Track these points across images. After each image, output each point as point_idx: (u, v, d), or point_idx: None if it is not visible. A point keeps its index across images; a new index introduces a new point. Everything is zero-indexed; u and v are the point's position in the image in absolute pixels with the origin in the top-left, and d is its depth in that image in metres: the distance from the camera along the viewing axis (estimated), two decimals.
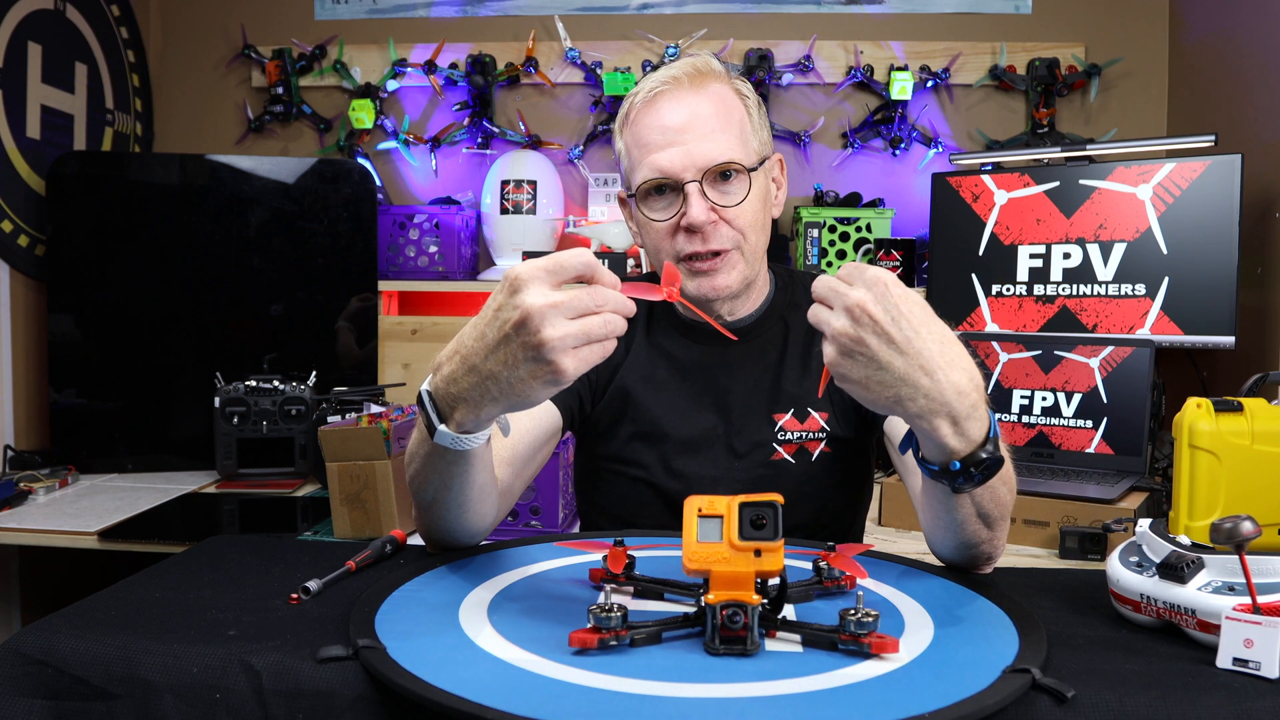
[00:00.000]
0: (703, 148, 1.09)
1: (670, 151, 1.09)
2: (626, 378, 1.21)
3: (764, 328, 1.21)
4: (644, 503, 1.20)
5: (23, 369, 2.25)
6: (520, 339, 0.76)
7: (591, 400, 1.23)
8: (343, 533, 1.69)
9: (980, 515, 0.88)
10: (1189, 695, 0.65)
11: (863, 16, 2.56)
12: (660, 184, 1.11)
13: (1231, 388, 1.47)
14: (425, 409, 0.85)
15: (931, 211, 2.24)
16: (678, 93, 1.11)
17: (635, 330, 1.24)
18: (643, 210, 1.14)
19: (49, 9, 2.27)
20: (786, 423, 1.18)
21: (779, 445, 1.18)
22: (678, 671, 0.67)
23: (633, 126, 1.14)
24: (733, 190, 1.11)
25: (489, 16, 2.65)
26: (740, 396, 1.19)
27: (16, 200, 2.18)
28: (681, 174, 1.09)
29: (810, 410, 1.18)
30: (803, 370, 1.20)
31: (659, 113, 1.11)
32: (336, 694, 0.68)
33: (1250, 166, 1.91)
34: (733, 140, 1.11)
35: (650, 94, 1.12)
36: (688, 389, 1.20)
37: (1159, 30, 2.46)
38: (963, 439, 0.80)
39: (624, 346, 1.23)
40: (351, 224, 2.37)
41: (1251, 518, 0.72)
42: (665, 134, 1.10)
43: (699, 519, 0.72)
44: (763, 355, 1.20)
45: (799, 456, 1.18)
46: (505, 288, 0.77)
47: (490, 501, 0.97)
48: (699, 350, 1.21)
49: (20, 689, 0.73)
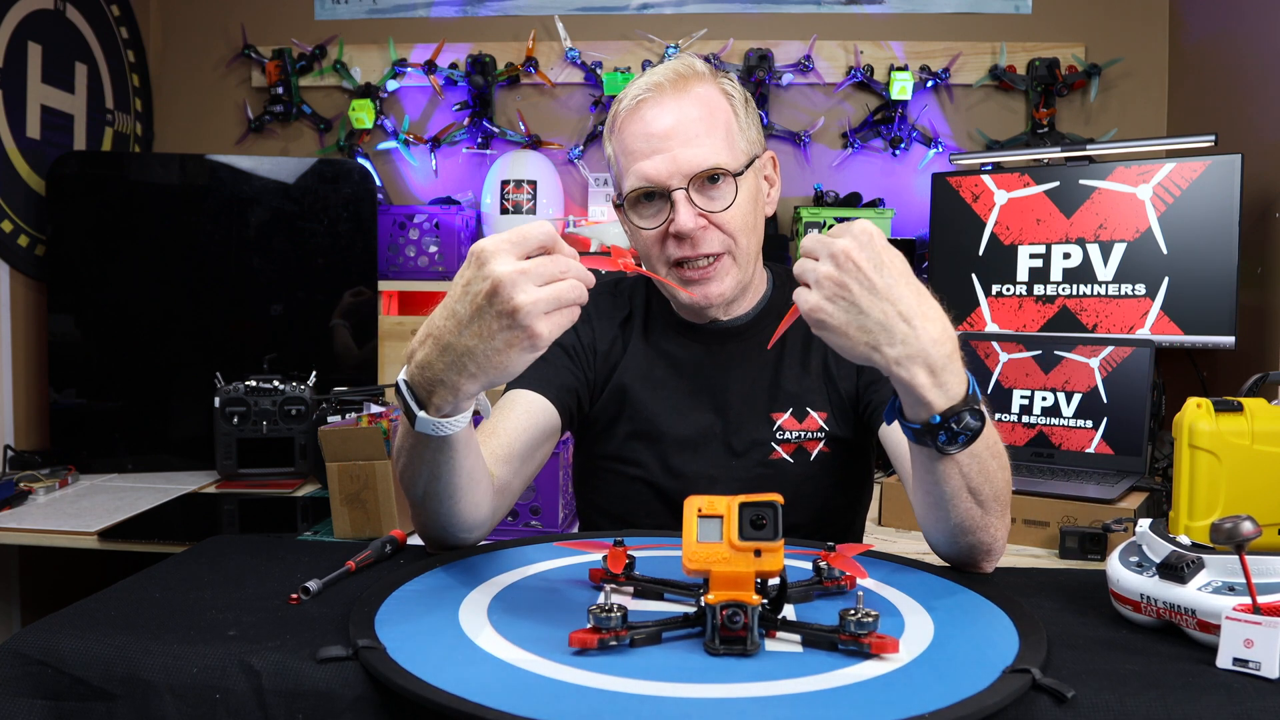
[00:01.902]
0: (688, 154, 1.08)
1: (655, 160, 1.09)
2: (624, 376, 1.21)
3: (761, 326, 1.21)
4: (642, 501, 1.20)
5: (23, 369, 2.25)
6: (494, 309, 0.77)
7: (590, 399, 1.23)
8: (343, 533, 1.69)
9: (970, 490, 0.88)
10: (1189, 695, 0.65)
11: (863, 16, 2.56)
12: (648, 191, 1.11)
13: (1231, 388, 1.47)
14: (404, 397, 0.85)
15: (931, 211, 2.24)
16: (661, 99, 1.10)
17: (633, 329, 1.24)
18: (632, 218, 1.13)
19: (49, 9, 2.27)
20: (785, 422, 1.18)
21: (777, 445, 1.18)
22: (678, 672, 0.67)
23: (619, 134, 1.13)
24: (720, 195, 1.10)
25: (489, 16, 2.65)
26: (738, 395, 1.19)
27: (16, 200, 2.18)
28: (668, 181, 1.09)
29: (809, 410, 1.18)
30: (802, 369, 1.19)
31: (643, 120, 1.10)
32: (336, 694, 0.68)
33: (1250, 166, 1.90)
34: (718, 144, 1.10)
35: (634, 101, 1.11)
36: (685, 387, 1.20)
37: (1159, 30, 2.46)
38: (941, 391, 0.82)
39: (622, 345, 1.23)
40: (351, 224, 2.37)
41: (1252, 518, 0.72)
42: (650, 141, 1.09)
43: (699, 519, 0.72)
44: (760, 354, 1.19)
45: (798, 456, 1.18)
46: (472, 262, 0.79)
47: (483, 490, 0.96)
48: (696, 349, 1.21)
49: (20, 689, 0.73)
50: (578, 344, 1.21)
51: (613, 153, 1.16)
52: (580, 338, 1.22)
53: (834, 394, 1.19)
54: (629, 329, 1.24)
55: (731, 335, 1.21)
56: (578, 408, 1.20)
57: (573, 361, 1.20)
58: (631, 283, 1.29)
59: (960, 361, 0.84)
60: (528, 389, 1.14)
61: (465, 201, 2.59)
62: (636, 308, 1.26)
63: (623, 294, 1.27)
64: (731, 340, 1.20)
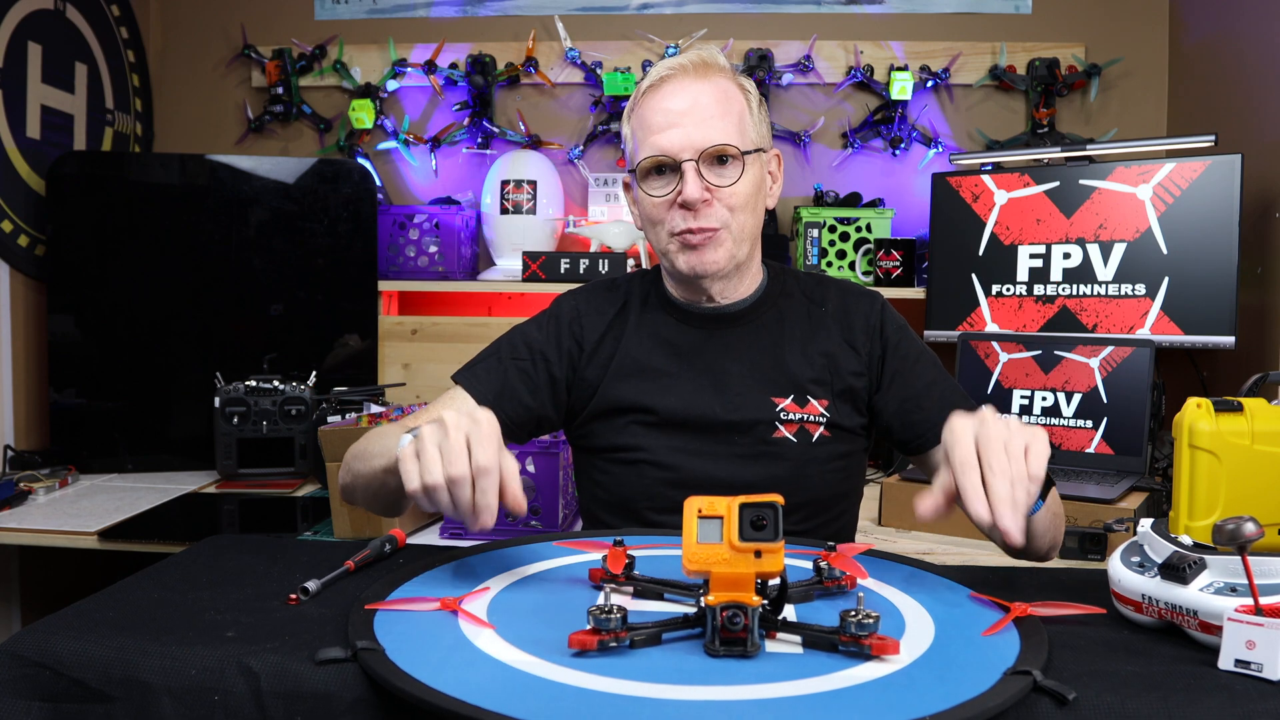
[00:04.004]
0: (701, 131, 1.15)
1: (671, 133, 1.15)
2: (620, 367, 1.24)
3: (759, 312, 1.26)
4: (645, 486, 1.21)
5: (23, 369, 2.25)
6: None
7: (574, 405, 1.26)
8: (342, 533, 1.69)
9: (1032, 535, 1.03)
10: (1190, 697, 0.65)
11: (863, 16, 2.55)
12: (660, 163, 1.17)
13: (1231, 388, 1.47)
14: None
15: (931, 211, 2.24)
16: (683, 80, 1.17)
17: (628, 318, 1.28)
18: (643, 187, 1.20)
19: (49, 9, 2.27)
20: (788, 405, 1.21)
21: (780, 424, 1.20)
22: (678, 673, 0.67)
23: (639, 110, 1.20)
24: (727, 173, 1.17)
25: (489, 16, 2.65)
26: (738, 377, 1.22)
27: (16, 200, 2.18)
28: (679, 154, 1.15)
29: (810, 398, 1.21)
30: (804, 358, 1.23)
31: (664, 96, 1.17)
32: (335, 696, 0.67)
33: (1250, 166, 1.90)
34: (730, 127, 1.16)
35: (658, 78, 1.19)
36: (685, 370, 1.23)
37: (1159, 30, 2.46)
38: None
39: (615, 338, 1.26)
40: (351, 224, 2.37)
41: (1254, 519, 0.72)
42: (668, 116, 1.16)
43: (699, 520, 0.72)
44: (758, 339, 1.24)
45: (800, 436, 1.20)
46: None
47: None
48: (694, 333, 1.25)
49: (18, 691, 0.72)
50: (556, 358, 1.26)
51: (631, 129, 1.22)
52: (561, 347, 1.26)
53: (838, 384, 1.22)
54: (623, 319, 1.28)
55: (729, 320, 1.25)
56: (536, 425, 1.26)
57: (532, 380, 1.24)
58: (628, 277, 1.33)
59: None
60: (471, 395, 1.21)
61: (465, 201, 2.58)
62: (633, 299, 1.30)
63: (618, 289, 1.32)
64: (729, 325, 1.25)
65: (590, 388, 1.25)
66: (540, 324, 1.29)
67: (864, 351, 1.24)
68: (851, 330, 1.25)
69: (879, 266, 2.29)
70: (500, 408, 1.18)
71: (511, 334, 1.29)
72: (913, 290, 2.27)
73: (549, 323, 1.28)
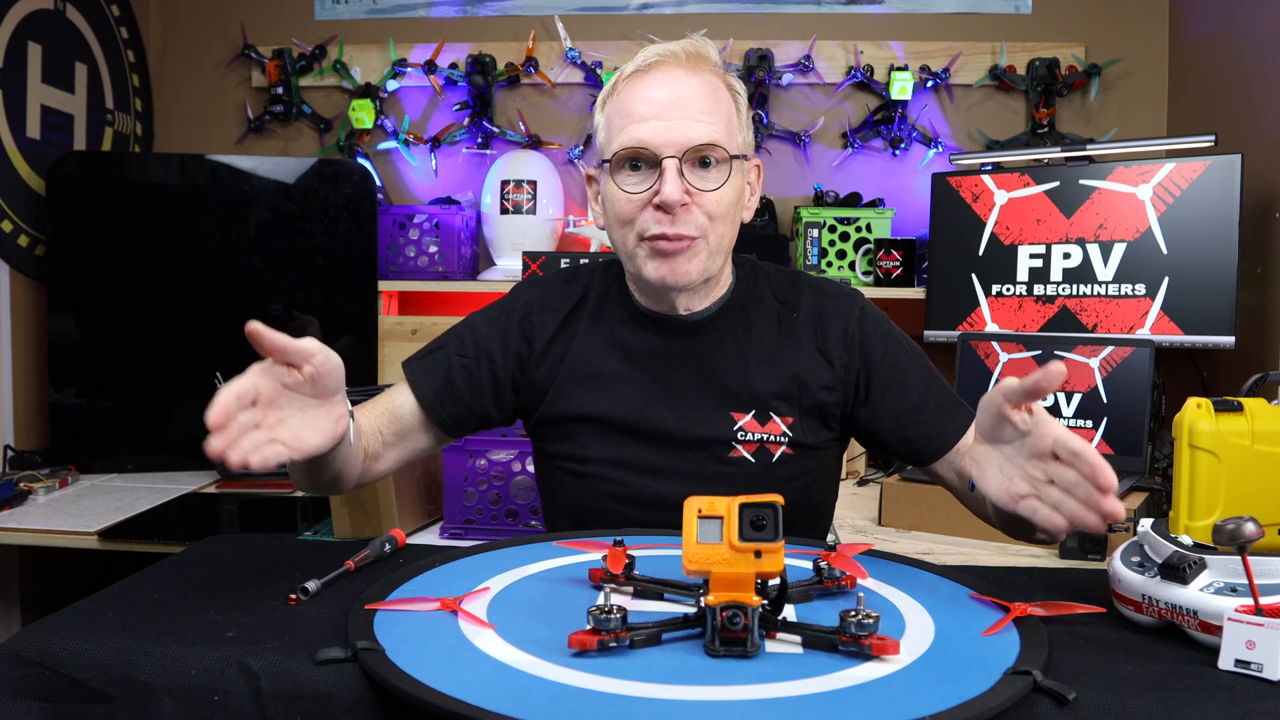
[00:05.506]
0: (687, 127, 1.05)
1: (653, 124, 1.05)
2: (573, 369, 1.17)
3: (722, 320, 1.16)
4: (594, 500, 1.15)
5: (23, 369, 2.25)
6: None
7: (521, 405, 1.22)
8: (342, 533, 1.69)
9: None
10: (1191, 697, 0.65)
11: (863, 16, 2.55)
12: (637, 155, 1.06)
13: (1231, 388, 1.47)
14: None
15: (931, 211, 2.24)
16: (672, 69, 1.08)
17: (581, 317, 1.19)
18: (614, 180, 1.09)
19: (49, 9, 2.27)
20: (747, 424, 1.13)
21: (738, 443, 1.13)
22: (677, 673, 0.67)
23: (619, 96, 1.09)
24: (710, 176, 1.07)
25: (489, 16, 2.65)
26: (696, 389, 1.14)
27: (16, 200, 2.18)
28: (661, 149, 1.05)
29: (773, 415, 1.13)
30: (769, 373, 1.14)
31: (649, 84, 1.07)
32: (335, 696, 0.67)
33: (1250, 166, 1.90)
34: (718, 126, 1.07)
35: (644, 63, 1.08)
36: (641, 378, 1.15)
37: (1159, 30, 2.46)
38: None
39: (567, 338, 1.18)
40: (351, 224, 2.37)
41: (1254, 519, 0.72)
42: (651, 106, 1.06)
43: (699, 520, 0.72)
44: (720, 348, 1.15)
45: (759, 455, 1.13)
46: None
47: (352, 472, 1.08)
48: (653, 339, 1.16)
49: (18, 691, 0.72)
50: (501, 358, 1.19)
51: (605, 116, 1.12)
52: (508, 347, 1.19)
53: (806, 399, 1.14)
54: (578, 316, 1.19)
55: (692, 329, 1.16)
56: (479, 422, 1.21)
57: (475, 379, 1.18)
58: (591, 268, 1.24)
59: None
60: (413, 390, 1.18)
61: (465, 201, 2.58)
62: (592, 294, 1.20)
63: (578, 280, 1.23)
64: (691, 334, 1.16)
65: (540, 390, 1.18)
66: (490, 318, 1.21)
67: (839, 363, 1.15)
68: (826, 339, 1.15)
69: (879, 266, 2.29)
70: (442, 407, 1.16)
71: (462, 325, 1.22)
72: (913, 290, 2.27)
73: (499, 318, 1.20)
